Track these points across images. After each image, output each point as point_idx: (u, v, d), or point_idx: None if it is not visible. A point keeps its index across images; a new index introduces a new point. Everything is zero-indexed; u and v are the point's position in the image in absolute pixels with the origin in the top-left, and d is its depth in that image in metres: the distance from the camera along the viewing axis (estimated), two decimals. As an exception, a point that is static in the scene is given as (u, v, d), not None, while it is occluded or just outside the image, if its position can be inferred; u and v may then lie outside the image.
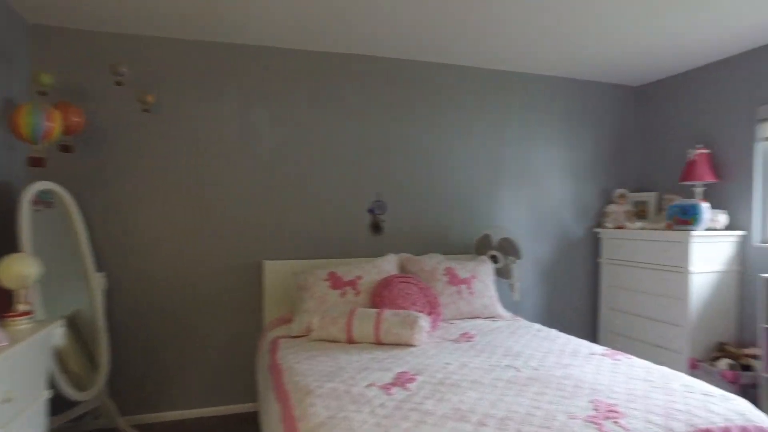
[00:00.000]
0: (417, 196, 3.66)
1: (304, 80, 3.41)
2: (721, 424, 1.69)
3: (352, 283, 3.01)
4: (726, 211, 3.43)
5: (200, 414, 3.23)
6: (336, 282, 2.99)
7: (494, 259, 3.54)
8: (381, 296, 2.92)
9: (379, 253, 3.49)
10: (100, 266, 2.97)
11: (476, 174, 3.81)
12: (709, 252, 3.29)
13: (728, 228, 3.42)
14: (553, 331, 2.85)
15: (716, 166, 3.53)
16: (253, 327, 3.31)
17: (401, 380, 2.00)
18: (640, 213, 4.00)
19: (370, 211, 3.55)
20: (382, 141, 3.58)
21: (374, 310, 2.68)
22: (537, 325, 2.98)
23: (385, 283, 2.98)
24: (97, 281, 2.89)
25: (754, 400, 2.95)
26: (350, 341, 2.60)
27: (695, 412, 1.73)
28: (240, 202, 3.30)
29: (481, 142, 3.82)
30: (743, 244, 3.38)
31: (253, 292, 3.33)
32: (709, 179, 3.43)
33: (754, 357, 3.11)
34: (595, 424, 1.62)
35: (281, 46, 3.33)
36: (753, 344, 3.23)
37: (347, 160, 3.51)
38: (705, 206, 3.27)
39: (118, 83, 2.90)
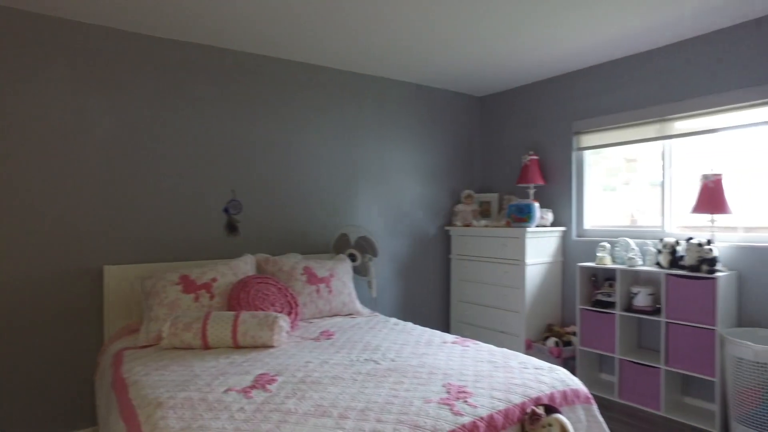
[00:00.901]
0: (274, 195, 3.58)
1: (150, 68, 3.12)
2: (548, 391, 1.98)
3: (206, 286, 2.84)
4: (551, 209, 3.95)
5: (21, 446, 2.78)
6: (188, 286, 2.80)
7: (352, 257, 3.62)
8: (238, 298, 2.80)
9: (236, 254, 3.36)
10: None
11: (333, 173, 3.85)
12: (540, 246, 3.76)
13: (553, 224, 3.94)
14: (409, 324, 2.99)
15: (544, 170, 4.05)
16: (93, 341, 2.94)
17: (261, 382, 1.94)
18: (484, 212, 4.40)
19: (225, 210, 3.38)
20: (236, 138, 3.43)
21: (231, 313, 2.56)
22: (394, 320, 3.11)
23: (242, 285, 2.86)
24: None
25: (573, 369, 3.46)
26: (206, 347, 2.46)
27: (529, 384, 1.98)
28: (72, 199, 2.89)
29: (337, 142, 3.87)
30: (564, 238, 3.92)
31: (92, 301, 2.95)
32: (539, 182, 3.92)
33: (573, 334, 3.64)
34: (448, 405, 1.75)
35: (124, 28, 3.01)
36: (573, 323, 3.78)
37: (199, 156, 3.29)
38: (536, 206, 3.72)
39: None
